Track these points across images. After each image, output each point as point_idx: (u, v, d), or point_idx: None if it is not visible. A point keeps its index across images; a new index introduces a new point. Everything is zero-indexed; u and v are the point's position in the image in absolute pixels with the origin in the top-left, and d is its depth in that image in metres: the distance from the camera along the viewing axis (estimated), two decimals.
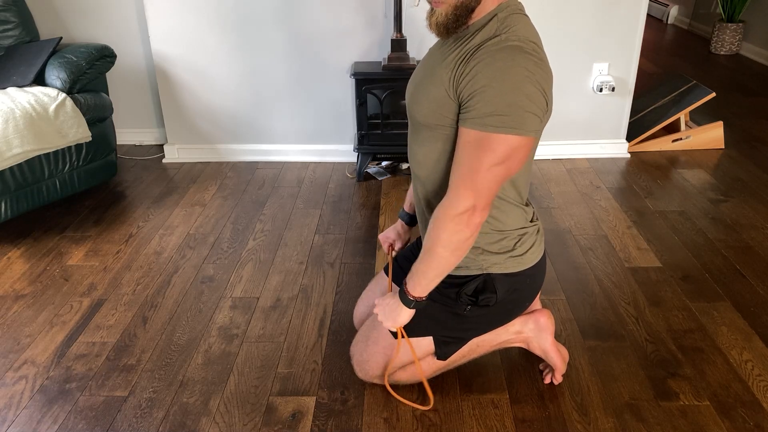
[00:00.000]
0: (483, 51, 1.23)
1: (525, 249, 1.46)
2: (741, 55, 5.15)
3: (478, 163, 1.24)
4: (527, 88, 1.20)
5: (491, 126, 1.21)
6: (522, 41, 1.22)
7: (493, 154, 1.23)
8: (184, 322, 1.94)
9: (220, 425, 1.55)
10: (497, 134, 1.21)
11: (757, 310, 1.94)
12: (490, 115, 1.21)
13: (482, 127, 1.22)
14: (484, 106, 1.21)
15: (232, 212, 2.64)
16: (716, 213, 2.54)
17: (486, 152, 1.23)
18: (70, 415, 1.60)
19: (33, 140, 2.32)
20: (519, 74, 1.19)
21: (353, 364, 1.66)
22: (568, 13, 2.84)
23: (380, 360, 1.58)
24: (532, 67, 1.20)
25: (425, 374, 1.60)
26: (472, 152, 1.24)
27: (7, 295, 2.10)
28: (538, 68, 1.21)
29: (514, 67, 1.19)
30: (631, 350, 1.78)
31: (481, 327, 1.55)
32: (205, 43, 2.94)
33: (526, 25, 1.27)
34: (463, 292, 1.46)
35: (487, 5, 1.27)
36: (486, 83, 1.20)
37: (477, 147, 1.24)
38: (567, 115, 3.05)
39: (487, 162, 1.23)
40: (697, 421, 1.53)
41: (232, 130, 3.13)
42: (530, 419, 1.55)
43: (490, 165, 1.24)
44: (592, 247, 2.31)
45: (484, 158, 1.23)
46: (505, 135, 1.21)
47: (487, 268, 1.45)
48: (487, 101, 1.21)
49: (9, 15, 2.76)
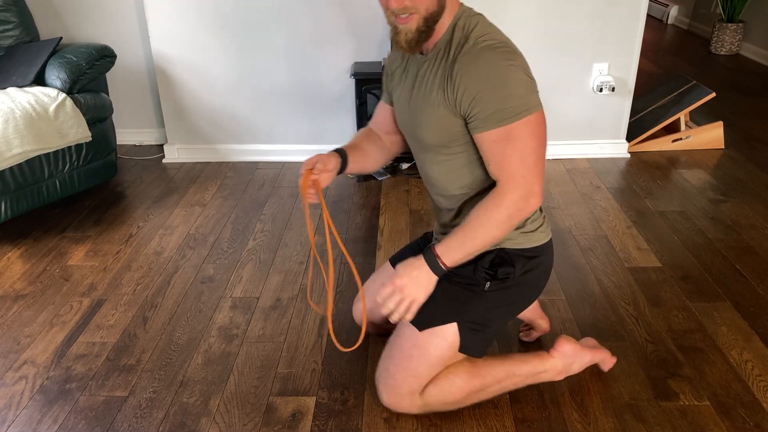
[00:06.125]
0: (460, 63, 1.30)
1: (535, 227, 1.50)
2: (741, 55, 5.15)
3: (515, 152, 1.30)
4: (515, 75, 1.29)
5: (505, 119, 1.29)
6: (488, 40, 1.31)
7: (521, 139, 1.30)
8: (184, 322, 1.94)
9: (220, 425, 1.55)
10: (514, 122, 1.29)
11: (757, 310, 1.94)
12: (498, 112, 1.28)
13: (498, 124, 1.29)
14: (488, 107, 1.29)
15: (232, 212, 2.64)
16: (716, 213, 2.54)
17: (514, 141, 1.30)
18: (70, 415, 1.60)
19: (33, 140, 2.32)
20: (502, 67, 1.28)
21: (381, 393, 1.52)
22: (568, 13, 2.84)
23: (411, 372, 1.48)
24: (508, 57, 1.29)
25: (455, 397, 1.51)
26: (503, 148, 1.31)
27: (7, 295, 2.10)
28: (513, 55, 1.30)
29: (494, 63, 1.28)
30: (631, 350, 1.78)
31: (502, 309, 1.52)
32: (205, 43, 2.94)
33: (485, 25, 1.36)
34: (480, 266, 1.47)
35: (445, 20, 1.36)
36: (479, 89, 1.28)
37: (504, 142, 1.30)
38: (567, 115, 3.05)
39: (521, 147, 1.30)
40: (697, 421, 1.53)
41: (232, 130, 3.13)
42: (530, 419, 1.55)
43: (522, 149, 1.30)
44: (592, 247, 2.31)
45: (517, 146, 1.30)
46: (521, 119, 1.28)
47: (500, 244, 1.47)
48: (488, 103, 1.28)
49: (9, 15, 2.76)
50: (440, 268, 1.40)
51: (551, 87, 2.98)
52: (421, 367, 1.47)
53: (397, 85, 1.51)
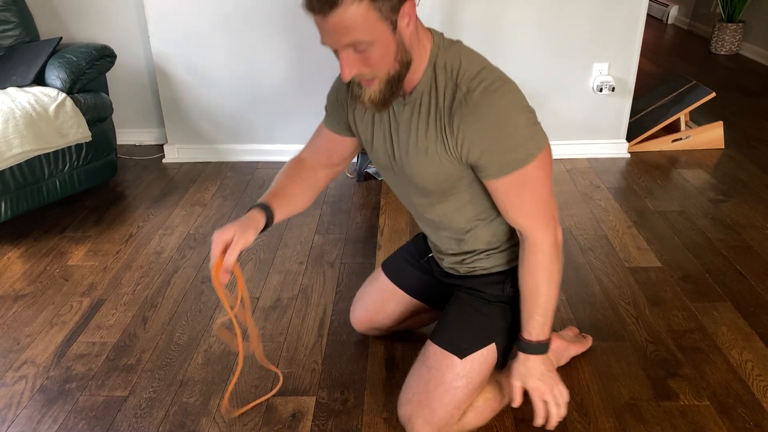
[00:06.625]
0: (460, 117, 1.19)
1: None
2: (741, 55, 5.15)
3: (533, 195, 1.25)
4: (518, 117, 1.19)
5: (516, 165, 1.21)
6: (481, 81, 1.18)
7: (534, 181, 1.24)
8: (184, 322, 1.94)
9: (220, 425, 1.55)
10: (527, 166, 1.21)
11: (757, 310, 1.94)
12: (510, 161, 1.21)
13: (509, 171, 1.22)
14: (499, 158, 1.21)
15: (232, 212, 2.64)
16: (716, 213, 2.54)
17: (530, 184, 1.24)
18: (70, 415, 1.60)
19: (33, 140, 2.32)
20: (504, 112, 1.18)
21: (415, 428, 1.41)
22: (568, 13, 2.84)
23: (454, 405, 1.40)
24: (507, 96, 1.18)
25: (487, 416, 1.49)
26: (520, 194, 1.25)
27: (7, 295, 2.10)
28: (507, 89, 1.19)
29: (497, 110, 1.18)
30: (631, 350, 1.78)
31: None
32: (205, 43, 2.94)
33: (468, 59, 1.22)
34: (507, 286, 1.45)
35: (420, 61, 1.21)
36: (487, 143, 1.19)
37: (520, 188, 1.24)
38: (567, 115, 3.05)
39: (538, 188, 1.24)
40: (697, 421, 1.53)
41: (232, 130, 3.13)
42: (530, 419, 1.54)
43: (539, 189, 1.25)
44: (592, 247, 2.31)
45: (534, 188, 1.24)
46: (533, 161, 1.21)
47: (513, 260, 1.45)
48: (497, 154, 1.21)
49: (9, 15, 2.76)
50: (545, 345, 1.36)
51: (551, 87, 2.98)
52: (465, 396, 1.41)
53: (367, 123, 1.37)
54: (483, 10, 2.84)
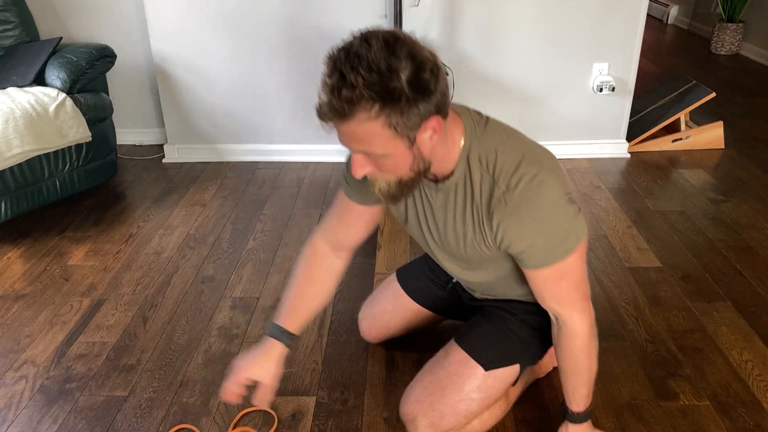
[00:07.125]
0: (500, 216, 1.15)
1: None
2: (741, 55, 5.15)
3: (571, 284, 1.23)
4: (560, 214, 1.15)
5: (556, 258, 1.19)
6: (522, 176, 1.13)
7: (572, 271, 1.22)
8: (184, 322, 1.94)
9: (220, 425, 1.55)
10: (567, 259, 1.19)
11: (757, 310, 1.94)
12: (551, 255, 1.18)
13: (549, 264, 1.19)
14: (541, 254, 1.18)
15: (232, 212, 2.64)
16: (716, 213, 2.54)
17: (569, 274, 1.22)
18: (70, 415, 1.60)
19: (33, 140, 2.32)
20: (547, 212, 1.14)
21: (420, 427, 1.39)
22: (568, 13, 2.84)
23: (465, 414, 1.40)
24: (547, 194, 1.13)
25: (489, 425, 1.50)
26: (558, 283, 1.23)
27: (7, 295, 2.10)
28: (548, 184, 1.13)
29: (538, 210, 1.13)
30: (631, 350, 1.78)
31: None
32: (205, 43, 2.94)
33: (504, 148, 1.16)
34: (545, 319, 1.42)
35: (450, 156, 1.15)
36: (530, 241, 1.16)
37: (559, 278, 1.22)
38: (567, 115, 3.05)
39: (575, 277, 1.23)
40: (697, 421, 1.53)
41: (232, 130, 3.13)
42: (530, 419, 1.55)
43: (575, 276, 1.23)
44: (592, 247, 2.31)
45: (572, 277, 1.23)
46: (573, 253, 1.19)
47: None
48: (540, 251, 1.18)
49: (9, 15, 2.76)
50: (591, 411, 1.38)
51: (551, 87, 2.98)
52: (478, 409, 1.41)
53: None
54: (483, 10, 2.84)
